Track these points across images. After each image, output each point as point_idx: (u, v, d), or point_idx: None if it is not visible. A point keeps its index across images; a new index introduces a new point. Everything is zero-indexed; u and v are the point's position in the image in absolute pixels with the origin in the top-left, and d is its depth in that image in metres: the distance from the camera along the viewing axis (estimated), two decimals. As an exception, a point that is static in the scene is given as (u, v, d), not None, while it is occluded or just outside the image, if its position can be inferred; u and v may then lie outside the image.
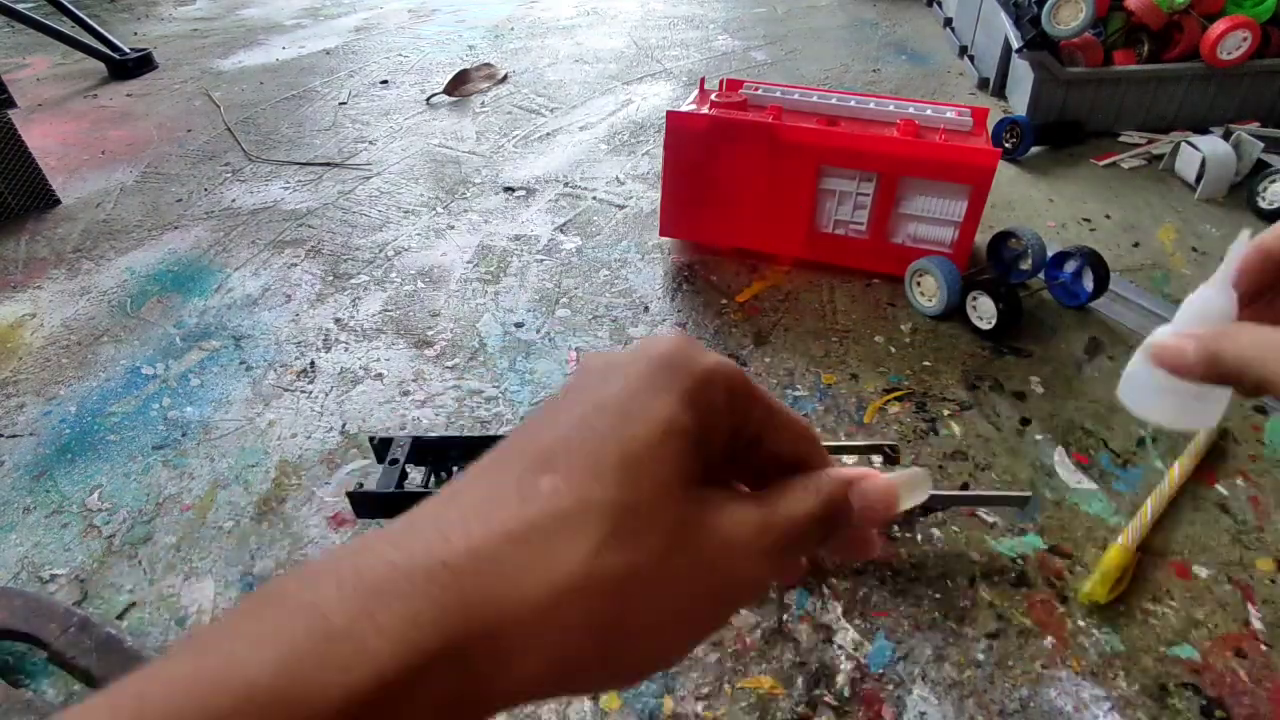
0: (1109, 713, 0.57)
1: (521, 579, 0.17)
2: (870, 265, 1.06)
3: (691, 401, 0.20)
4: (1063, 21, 1.30)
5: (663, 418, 0.19)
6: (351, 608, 0.16)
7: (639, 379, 0.20)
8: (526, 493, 0.18)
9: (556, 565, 0.17)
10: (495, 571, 0.17)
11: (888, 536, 0.71)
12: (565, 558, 0.17)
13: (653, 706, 0.59)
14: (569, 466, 0.18)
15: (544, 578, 0.17)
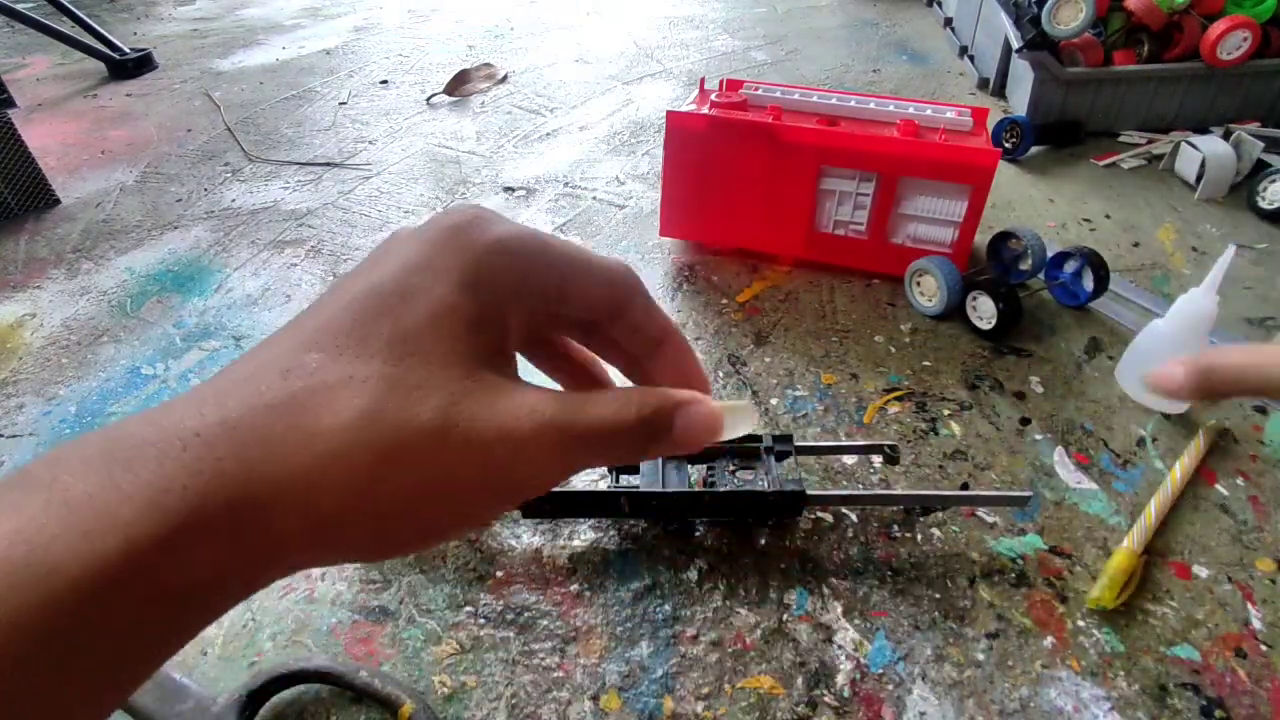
0: (1109, 713, 0.57)
1: (281, 447, 0.16)
2: (870, 265, 1.06)
3: (471, 281, 0.19)
4: (1063, 21, 1.30)
5: (436, 297, 0.19)
6: (97, 478, 0.15)
7: (417, 258, 0.20)
8: (289, 367, 0.18)
9: (318, 433, 0.17)
10: (254, 440, 0.16)
11: (888, 536, 0.71)
12: (326, 427, 0.17)
13: (652, 706, 0.59)
14: (336, 346, 0.18)
15: (304, 445, 0.17)
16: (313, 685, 0.60)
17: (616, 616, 0.65)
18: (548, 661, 0.62)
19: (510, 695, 0.60)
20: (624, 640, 0.63)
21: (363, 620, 0.65)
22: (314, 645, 0.63)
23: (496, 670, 0.61)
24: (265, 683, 0.58)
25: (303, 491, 0.16)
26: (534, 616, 0.65)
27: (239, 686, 0.57)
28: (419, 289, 0.19)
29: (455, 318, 0.19)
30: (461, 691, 0.60)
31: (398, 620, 0.65)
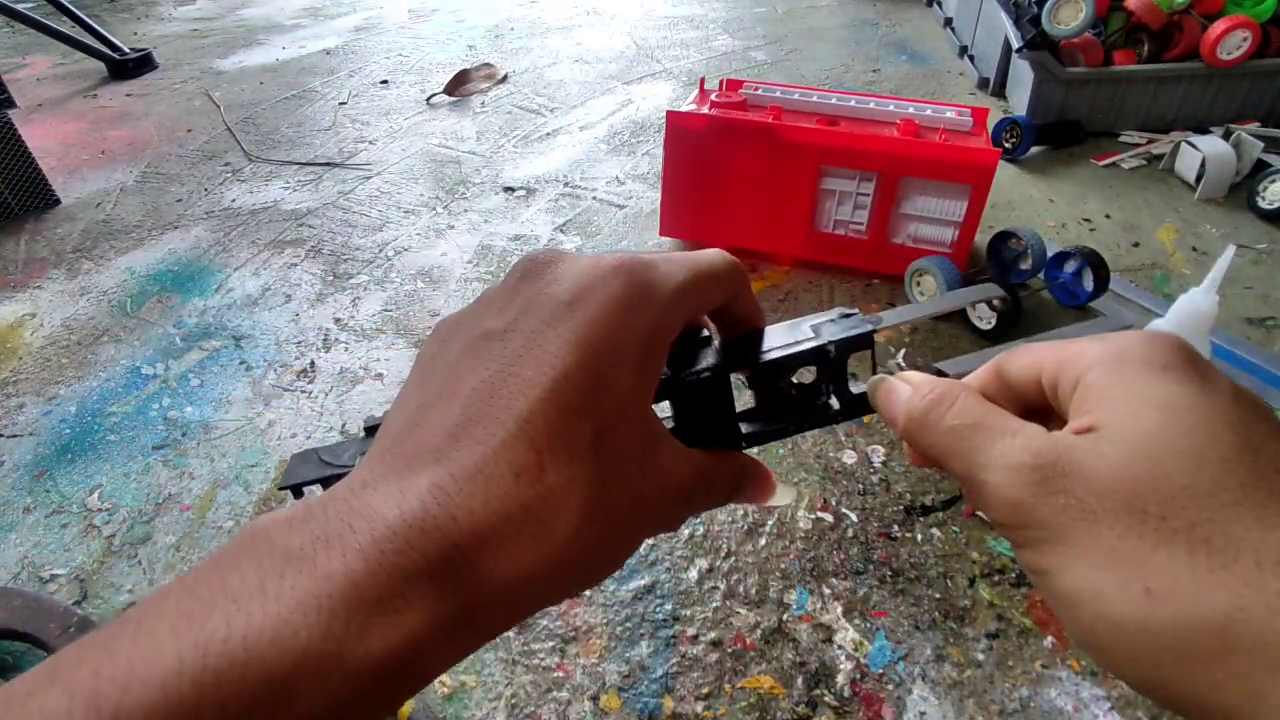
0: (1109, 713, 0.57)
1: (519, 557, 0.18)
2: (870, 265, 1.06)
3: (644, 358, 0.22)
4: (1063, 21, 1.30)
5: (624, 392, 0.21)
6: (382, 582, 0.17)
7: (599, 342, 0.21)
8: (519, 471, 0.19)
9: (552, 540, 0.19)
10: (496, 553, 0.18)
11: (887, 536, 0.71)
12: (560, 534, 0.19)
13: (653, 706, 0.59)
14: (551, 446, 0.19)
15: (536, 553, 0.19)
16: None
17: (616, 616, 0.65)
18: (548, 661, 0.62)
19: (510, 695, 0.60)
20: (624, 640, 0.63)
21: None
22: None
23: (496, 670, 0.61)
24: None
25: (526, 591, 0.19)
26: (533, 617, 0.65)
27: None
28: (608, 380, 0.21)
29: (637, 401, 0.21)
30: (461, 691, 0.60)
31: (398, 620, 0.65)
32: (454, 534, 0.18)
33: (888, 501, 0.74)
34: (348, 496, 0.19)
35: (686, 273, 0.23)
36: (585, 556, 0.20)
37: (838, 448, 0.81)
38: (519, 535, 0.19)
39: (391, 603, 0.17)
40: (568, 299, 0.21)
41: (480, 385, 0.20)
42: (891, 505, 0.73)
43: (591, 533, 0.20)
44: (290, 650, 0.15)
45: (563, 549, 0.19)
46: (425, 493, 0.18)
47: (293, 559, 0.17)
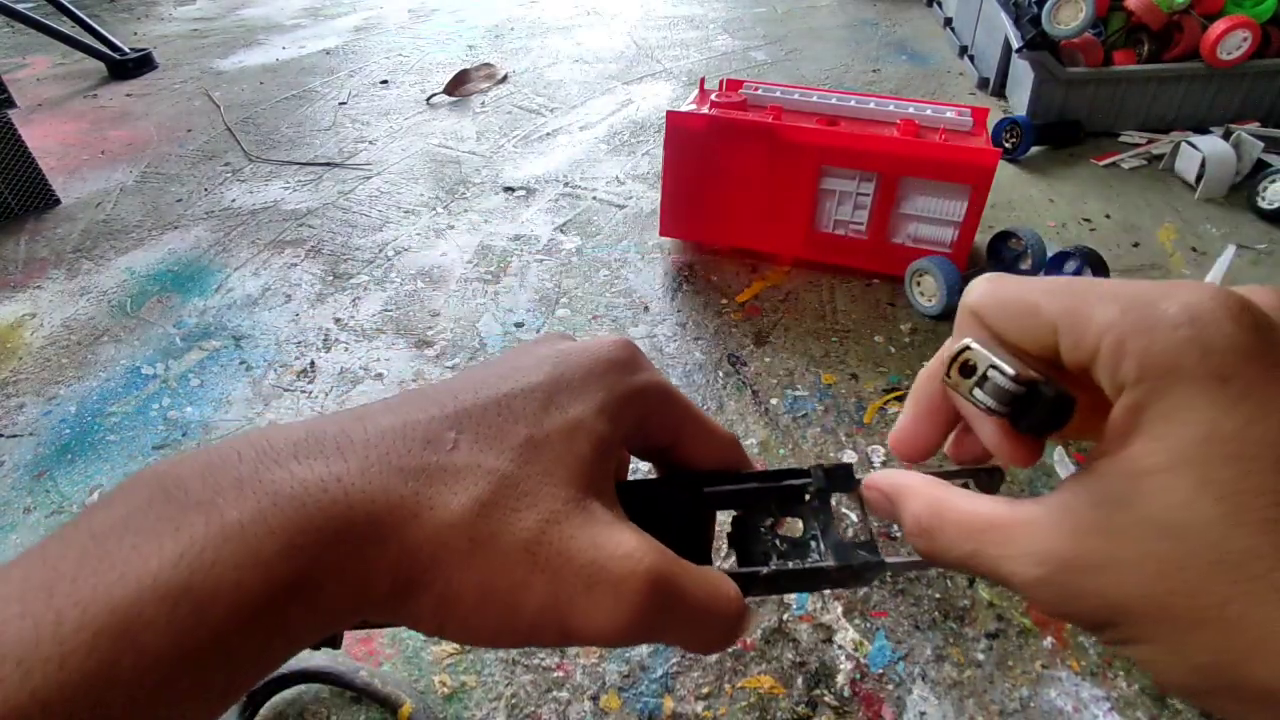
0: (1109, 713, 0.57)
1: (400, 512, 0.18)
2: (870, 265, 1.06)
3: (611, 414, 0.21)
4: (1063, 21, 1.30)
5: (576, 418, 0.20)
6: (249, 507, 0.16)
7: (571, 377, 0.21)
8: (431, 439, 0.19)
9: (433, 508, 0.18)
10: (381, 499, 0.18)
11: (888, 536, 0.71)
12: (442, 504, 0.18)
13: (652, 706, 0.59)
14: (477, 433, 0.19)
15: (417, 515, 0.18)
16: (313, 685, 0.60)
17: (616, 616, 0.65)
18: (547, 661, 0.62)
19: (510, 695, 0.60)
20: (624, 640, 0.63)
21: (363, 620, 0.65)
22: (314, 645, 0.63)
23: (496, 670, 0.61)
24: (266, 682, 0.58)
25: (402, 556, 0.18)
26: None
27: (239, 686, 0.57)
28: (563, 404, 0.20)
29: (587, 438, 0.20)
30: (461, 691, 0.60)
31: (398, 620, 0.65)
32: (339, 470, 0.18)
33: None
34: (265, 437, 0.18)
35: (667, 388, 0.23)
36: (461, 558, 0.18)
37: (838, 448, 0.81)
38: (404, 493, 0.18)
39: (251, 532, 0.16)
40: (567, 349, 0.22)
41: (450, 385, 0.21)
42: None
43: (476, 530, 0.18)
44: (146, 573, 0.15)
45: (443, 526, 0.18)
46: (329, 437, 0.18)
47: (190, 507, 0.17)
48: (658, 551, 0.20)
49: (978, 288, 0.21)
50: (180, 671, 0.15)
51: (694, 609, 0.20)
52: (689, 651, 0.22)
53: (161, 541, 0.16)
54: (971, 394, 0.19)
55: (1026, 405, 0.19)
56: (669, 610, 0.19)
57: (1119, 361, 0.17)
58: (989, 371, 0.19)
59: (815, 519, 0.24)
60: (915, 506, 0.21)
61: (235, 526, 0.16)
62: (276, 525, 0.16)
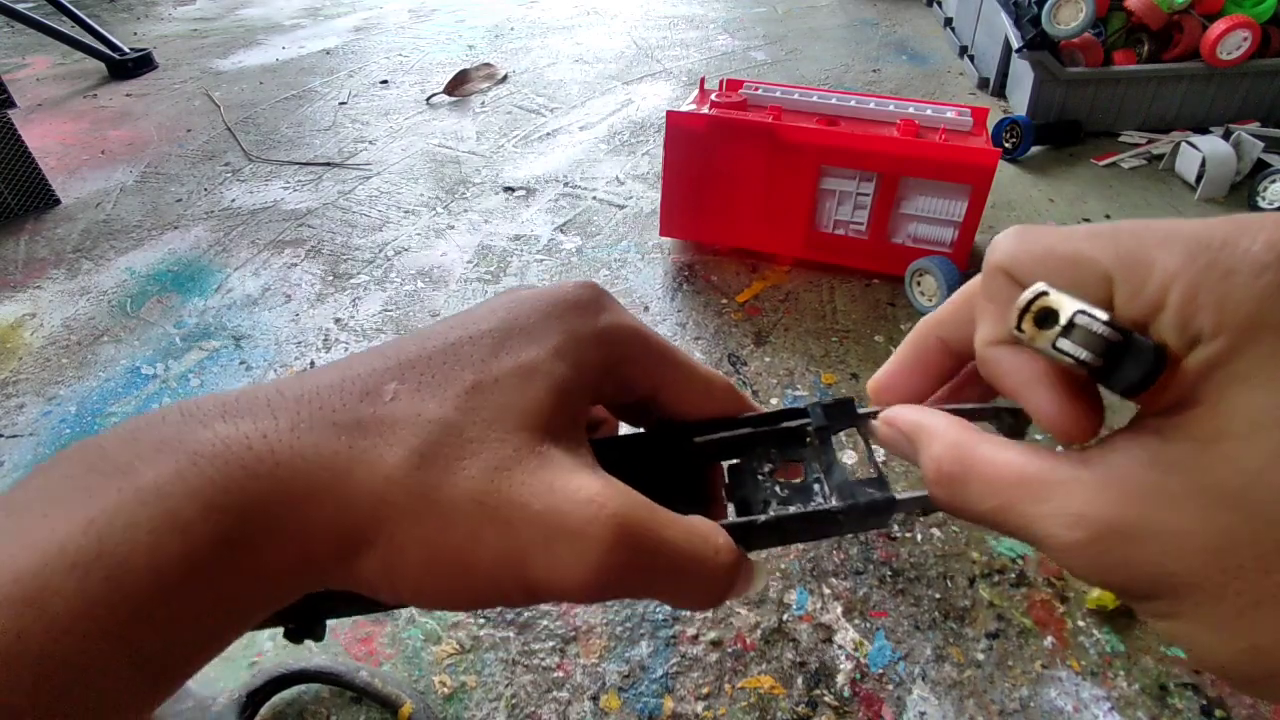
0: (1109, 713, 0.57)
1: (333, 467, 0.17)
2: (870, 265, 1.06)
3: (568, 355, 0.19)
4: (1063, 21, 1.30)
5: (529, 361, 0.19)
6: (167, 468, 0.15)
7: (526, 320, 0.20)
8: (369, 390, 0.18)
9: (367, 462, 0.17)
10: (312, 454, 0.17)
11: (887, 536, 0.71)
12: (377, 457, 0.17)
13: (652, 706, 0.59)
14: (419, 381, 0.18)
15: (351, 470, 0.17)
16: (313, 685, 0.60)
17: (616, 616, 0.65)
18: (548, 661, 0.62)
19: (510, 695, 0.60)
20: (624, 640, 0.63)
21: (363, 620, 0.65)
22: (314, 645, 0.63)
23: (496, 670, 0.61)
24: (265, 682, 0.58)
25: (340, 513, 0.17)
26: (534, 616, 0.65)
27: (239, 686, 0.57)
28: (514, 347, 0.19)
29: (541, 380, 0.19)
30: (461, 691, 0.60)
31: (397, 620, 0.65)
32: (267, 427, 0.17)
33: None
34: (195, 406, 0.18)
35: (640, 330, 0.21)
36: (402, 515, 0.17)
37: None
38: (337, 448, 0.17)
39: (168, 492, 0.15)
40: (524, 295, 0.21)
41: (399, 339, 0.20)
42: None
43: (416, 484, 0.17)
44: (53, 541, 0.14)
45: (379, 480, 0.17)
46: (261, 395, 0.17)
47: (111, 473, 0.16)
48: (625, 496, 0.18)
49: (1006, 241, 0.18)
50: (97, 641, 0.14)
51: (674, 559, 0.18)
52: (676, 608, 0.21)
53: (72, 509, 0.15)
54: (1057, 346, 0.16)
55: (1120, 357, 0.16)
56: (643, 561, 0.17)
57: (1192, 313, 0.15)
58: (1077, 318, 0.16)
59: (818, 460, 0.22)
60: (937, 449, 0.19)
61: (151, 489, 0.15)
62: (196, 485, 0.15)
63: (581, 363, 0.20)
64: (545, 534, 0.17)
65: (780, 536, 0.21)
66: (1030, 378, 0.18)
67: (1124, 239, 0.16)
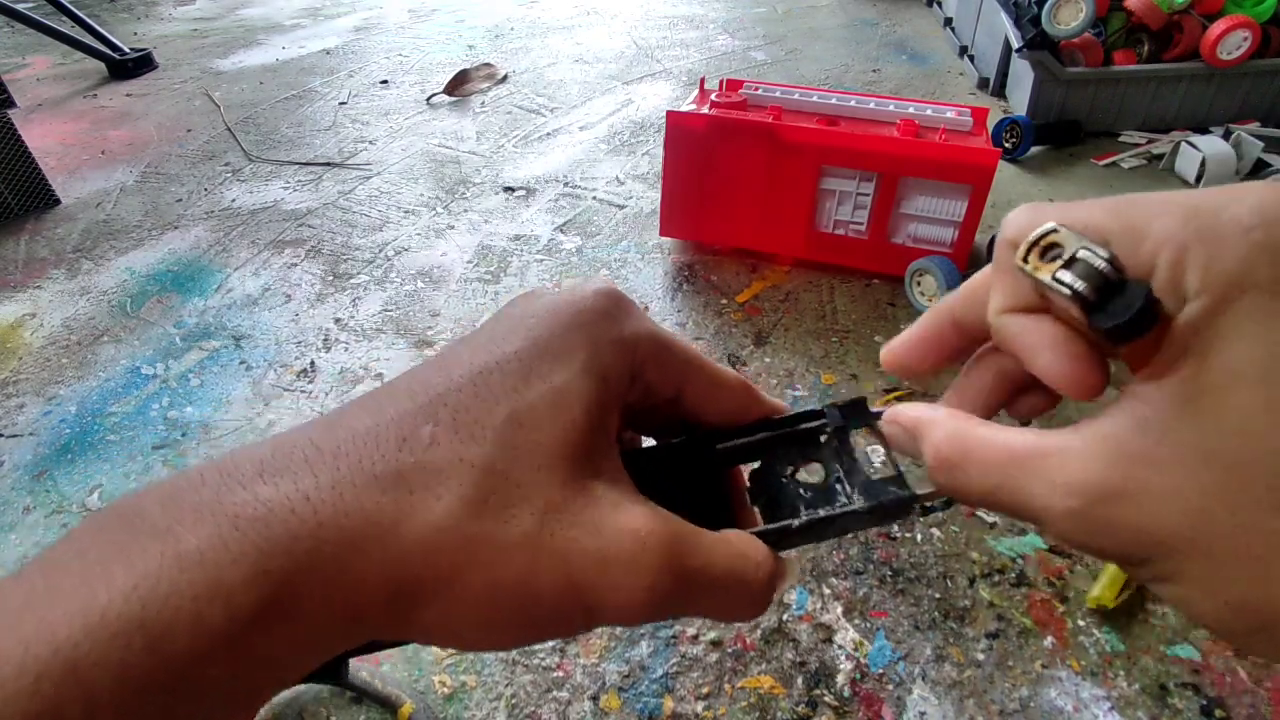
0: (1109, 712, 0.57)
1: (379, 522, 0.16)
2: (870, 265, 1.06)
3: (595, 370, 0.19)
4: (1063, 21, 1.30)
5: (558, 383, 0.19)
6: (207, 532, 0.15)
7: (546, 339, 0.19)
8: (405, 437, 0.17)
9: (415, 515, 0.17)
10: (355, 511, 0.16)
11: (887, 536, 0.71)
12: (425, 509, 0.17)
13: (652, 706, 0.59)
14: (454, 421, 0.18)
15: (399, 524, 0.16)
16: (313, 685, 0.60)
17: (616, 616, 0.65)
18: (548, 661, 0.62)
19: (510, 695, 0.60)
20: (624, 640, 0.63)
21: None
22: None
23: (496, 670, 0.61)
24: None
25: (389, 568, 0.16)
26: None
27: (239, 686, 0.57)
28: (543, 371, 0.19)
29: (574, 404, 0.19)
30: (461, 691, 0.60)
31: (398, 620, 0.65)
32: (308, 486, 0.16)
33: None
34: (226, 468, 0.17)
35: (660, 335, 0.21)
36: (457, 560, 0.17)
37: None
38: (381, 503, 0.16)
39: (210, 559, 0.15)
40: (542, 306, 0.20)
41: (425, 369, 0.19)
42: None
43: (470, 525, 0.17)
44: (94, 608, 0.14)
45: (430, 531, 0.16)
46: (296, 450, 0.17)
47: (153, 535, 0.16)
48: (667, 525, 0.18)
49: (1017, 216, 0.18)
50: (139, 709, 0.14)
51: (715, 578, 0.19)
52: (723, 621, 0.21)
53: (112, 574, 0.15)
54: (1055, 278, 0.17)
55: (1112, 298, 0.16)
56: (689, 584, 0.18)
57: (1180, 275, 0.15)
58: (1079, 253, 0.16)
59: (837, 460, 0.23)
60: (937, 438, 0.20)
61: (194, 555, 0.15)
62: (239, 552, 0.15)
63: (608, 375, 0.20)
64: (599, 567, 0.17)
65: (811, 537, 0.22)
66: (1040, 340, 0.18)
67: (1125, 209, 0.17)
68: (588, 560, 0.17)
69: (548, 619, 0.18)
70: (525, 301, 0.21)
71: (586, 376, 0.19)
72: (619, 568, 0.17)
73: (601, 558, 0.17)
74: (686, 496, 0.21)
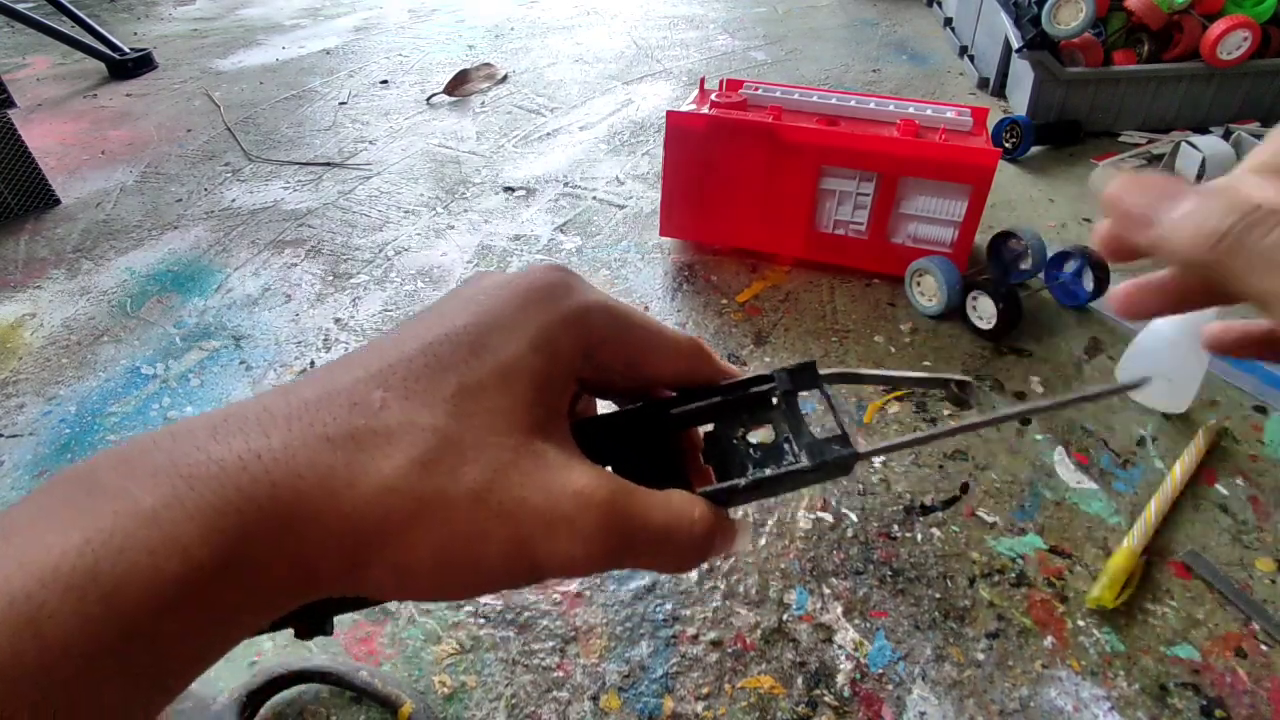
0: (1109, 712, 0.57)
1: (331, 482, 0.17)
2: (870, 265, 1.06)
3: (545, 343, 0.20)
4: (1063, 21, 1.30)
5: (507, 355, 0.19)
6: (163, 492, 0.16)
7: (498, 313, 0.20)
8: (357, 401, 0.18)
9: (367, 474, 0.17)
10: (308, 470, 0.17)
11: (887, 536, 0.71)
12: (376, 469, 0.17)
13: (652, 706, 0.59)
14: (405, 388, 0.18)
15: (352, 483, 0.17)
16: (313, 685, 0.60)
17: (616, 616, 0.65)
18: (548, 661, 0.62)
19: (510, 695, 0.60)
20: (624, 640, 0.63)
21: (363, 620, 0.65)
22: (314, 645, 0.63)
23: (496, 670, 0.61)
24: (265, 682, 0.58)
25: (342, 525, 0.17)
26: (534, 616, 0.65)
27: (239, 686, 0.57)
28: (492, 345, 0.19)
29: (523, 377, 0.19)
30: (461, 691, 0.60)
31: (398, 620, 0.65)
32: (259, 446, 0.17)
33: (888, 501, 0.74)
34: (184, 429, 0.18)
35: (614, 306, 0.22)
36: (410, 520, 0.17)
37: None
38: (333, 456, 0.17)
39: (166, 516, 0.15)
40: (493, 284, 0.21)
41: (375, 343, 0.20)
42: (891, 505, 0.73)
43: (421, 484, 0.17)
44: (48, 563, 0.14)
45: (381, 489, 0.17)
46: (249, 413, 0.18)
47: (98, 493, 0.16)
48: (609, 484, 0.19)
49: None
50: (96, 660, 0.14)
51: (655, 533, 0.20)
52: (664, 573, 0.23)
53: (68, 531, 0.15)
54: None
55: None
56: (629, 538, 0.19)
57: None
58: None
59: (786, 421, 0.24)
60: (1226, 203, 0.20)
61: (148, 512, 0.15)
62: (194, 508, 0.16)
63: (558, 352, 0.20)
64: (545, 524, 0.19)
65: (759, 494, 0.23)
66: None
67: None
68: (534, 518, 0.18)
69: (496, 573, 0.19)
70: (477, 280, 0.22)
71: (535, 353, 0.20)
72: (563, 524, 0.19)
73: (547, 516, 0.19)
74: (641, 460, 0.22)
